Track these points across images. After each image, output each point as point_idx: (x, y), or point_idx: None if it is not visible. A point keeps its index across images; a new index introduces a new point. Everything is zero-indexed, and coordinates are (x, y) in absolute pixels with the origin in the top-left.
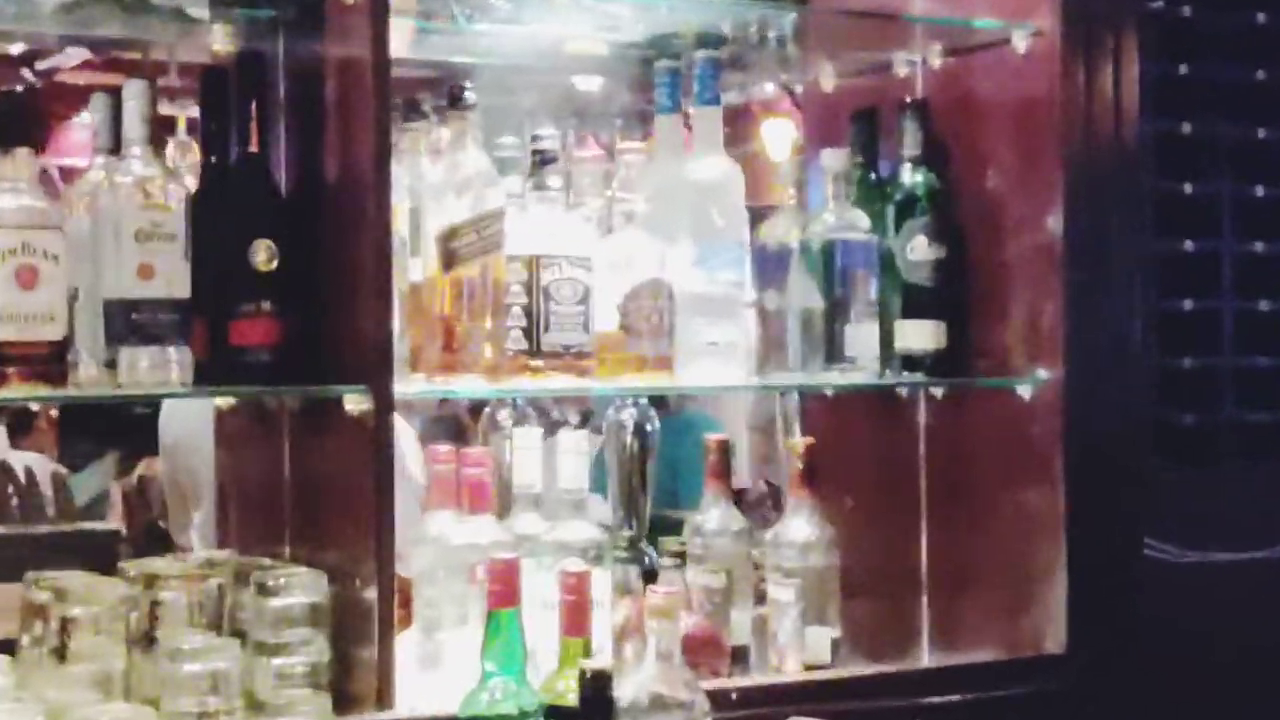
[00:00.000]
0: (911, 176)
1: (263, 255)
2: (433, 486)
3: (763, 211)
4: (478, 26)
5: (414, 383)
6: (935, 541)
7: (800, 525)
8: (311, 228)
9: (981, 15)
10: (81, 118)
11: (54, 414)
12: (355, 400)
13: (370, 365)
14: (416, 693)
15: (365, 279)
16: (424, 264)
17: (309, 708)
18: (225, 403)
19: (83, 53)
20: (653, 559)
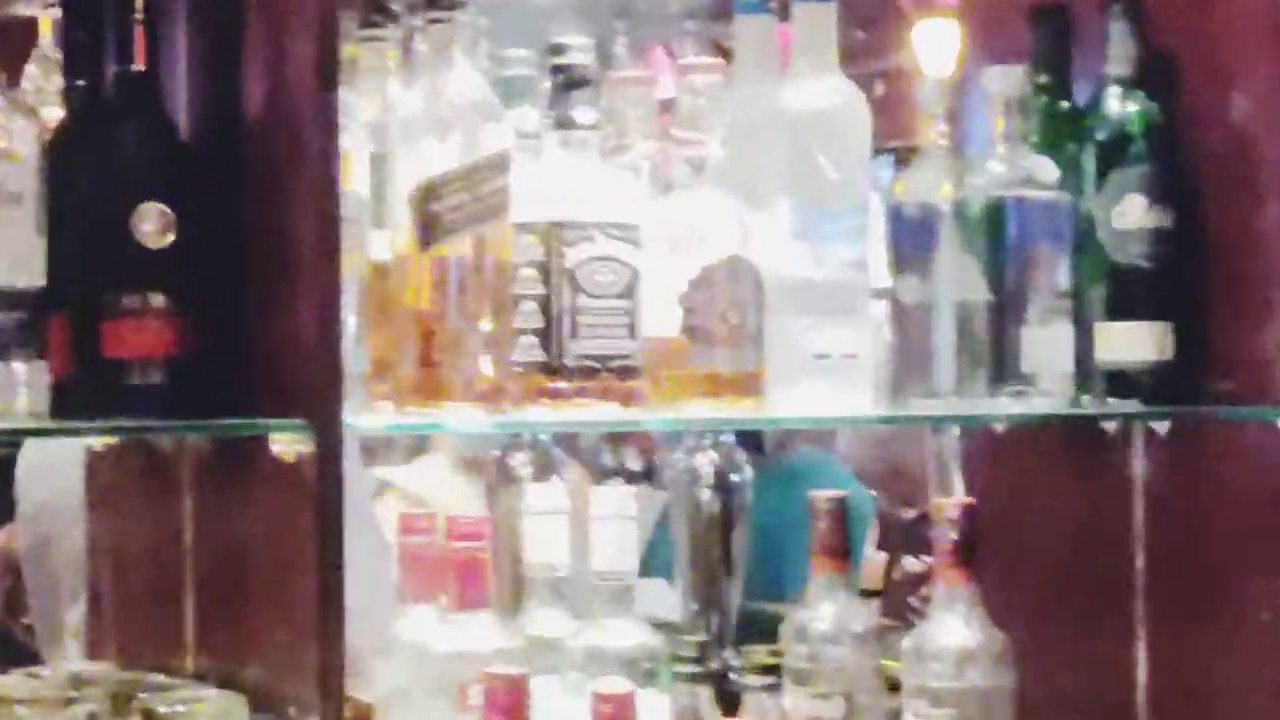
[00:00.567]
0: (1121, 106)
1: (152, 225)
2: (404, 568)
3: (899, 157)
4: None
5: (376, 413)
6: (1159, 653)
7: (955, 626)
8: (224, 184)
9: None
10: None
11: None
12: (289, 440)
13: (311, 388)
14: None
15: (303, 260)
16: (392, 237)
17: None
18: (100, 443)
19: None
20: (735, 676)
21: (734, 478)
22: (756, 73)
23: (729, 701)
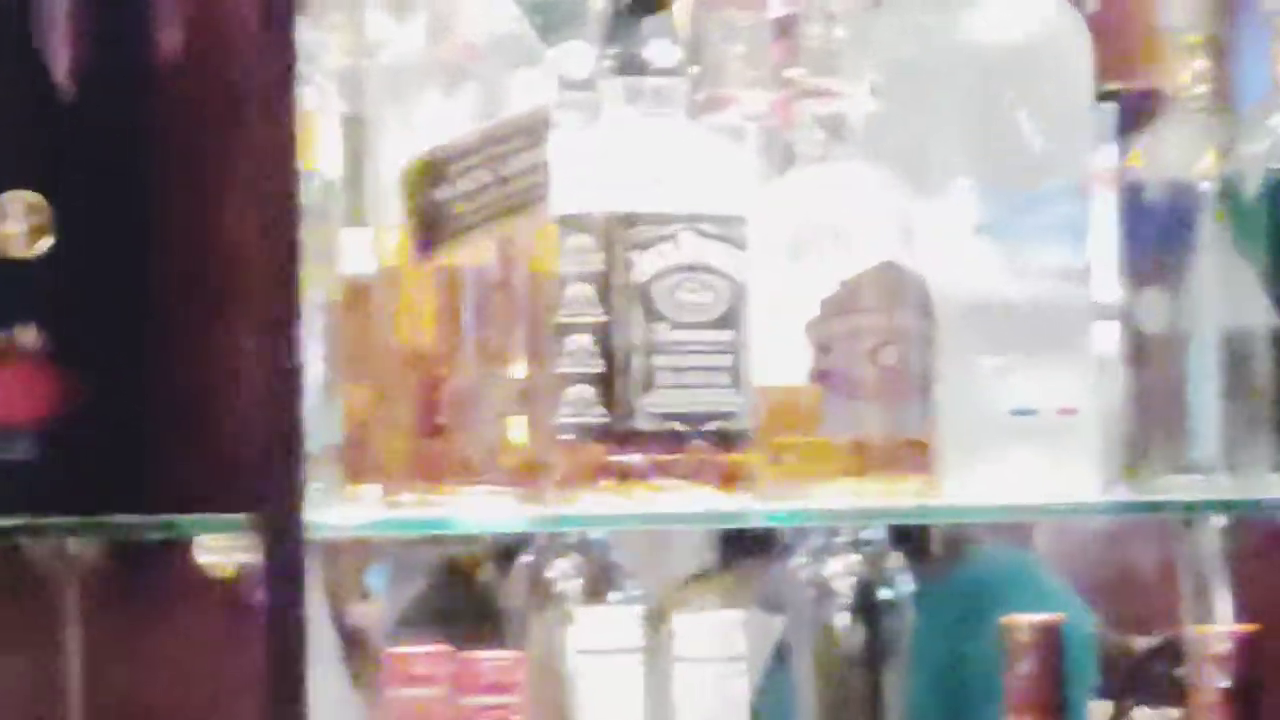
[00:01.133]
0: None
1: (16, 223)
2: None
3: (1134, 109)
4: None
5: (353, 505)
6: None
7: None
8: (125, 164)
9: None
10: None
11: None
12: (223, 545)
13: (255, 468)
14: None
15: (244, 275)
16: (376, 240)
17: None
18: None
19: None
20: None
21: (885, 594)
22: None
23: None
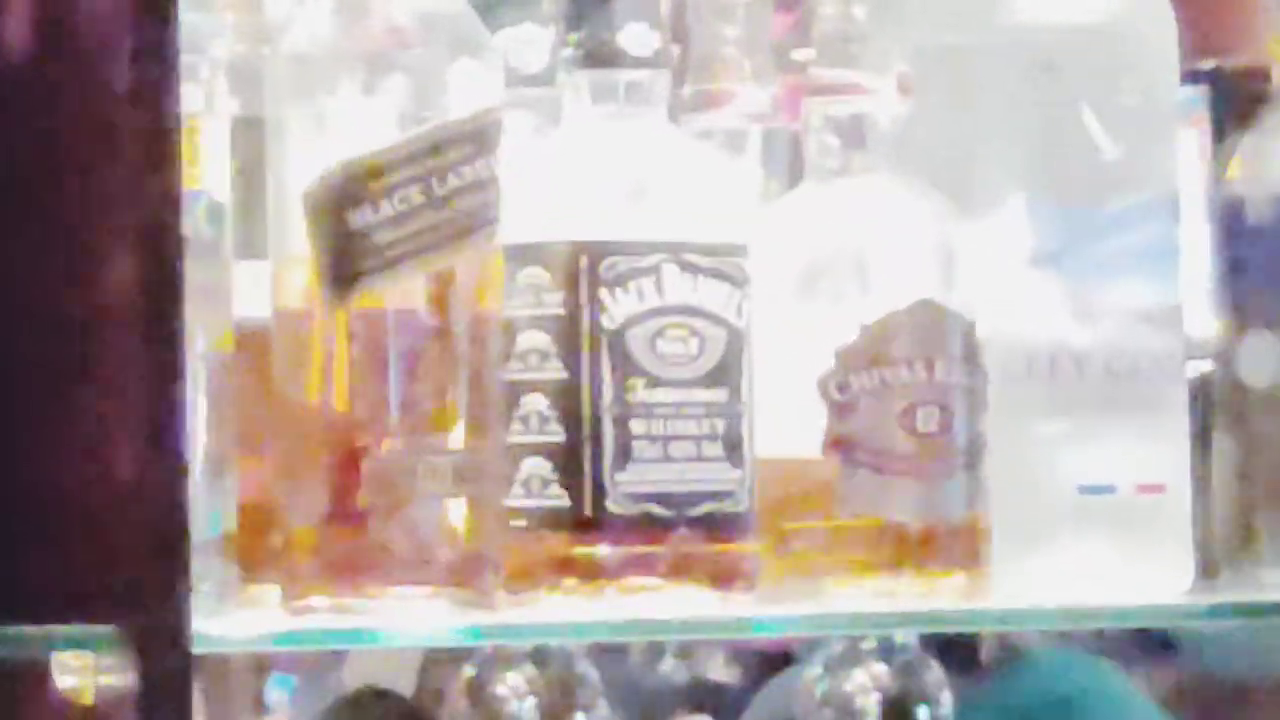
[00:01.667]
0: None
1: None
2: None
3: (1231, 96)
4: None
5: (249, 611)
6: None
7: None
8: None
9: None
10: None
11: None
12: (87, 663)
13: (126, 566)
14: None
15: (112, 321)
16: (277, 276)
17: None
18: None
19: None
20: None
21: (922, 714)
22: None
23: None
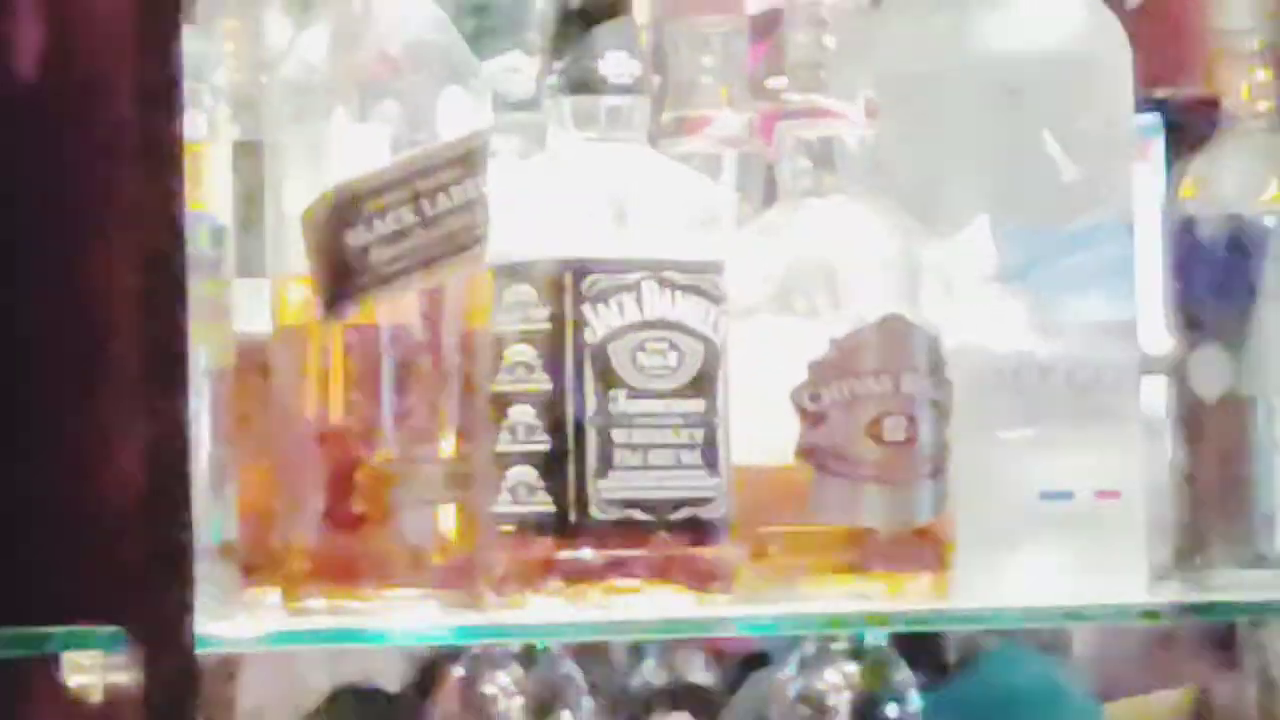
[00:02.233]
0: None
1: None
2: None
3: (1183, 123)
4: None
5: (250, 612)
6: None
7: None
8: None
9: None
10: None
11: None
12: (93, 662)
13: (132, 570)
14: None
15: (117, 335)
16: (275, 294)
17: None
18: None
19: None
20: None
21: (890, 712)
22: None
23: None
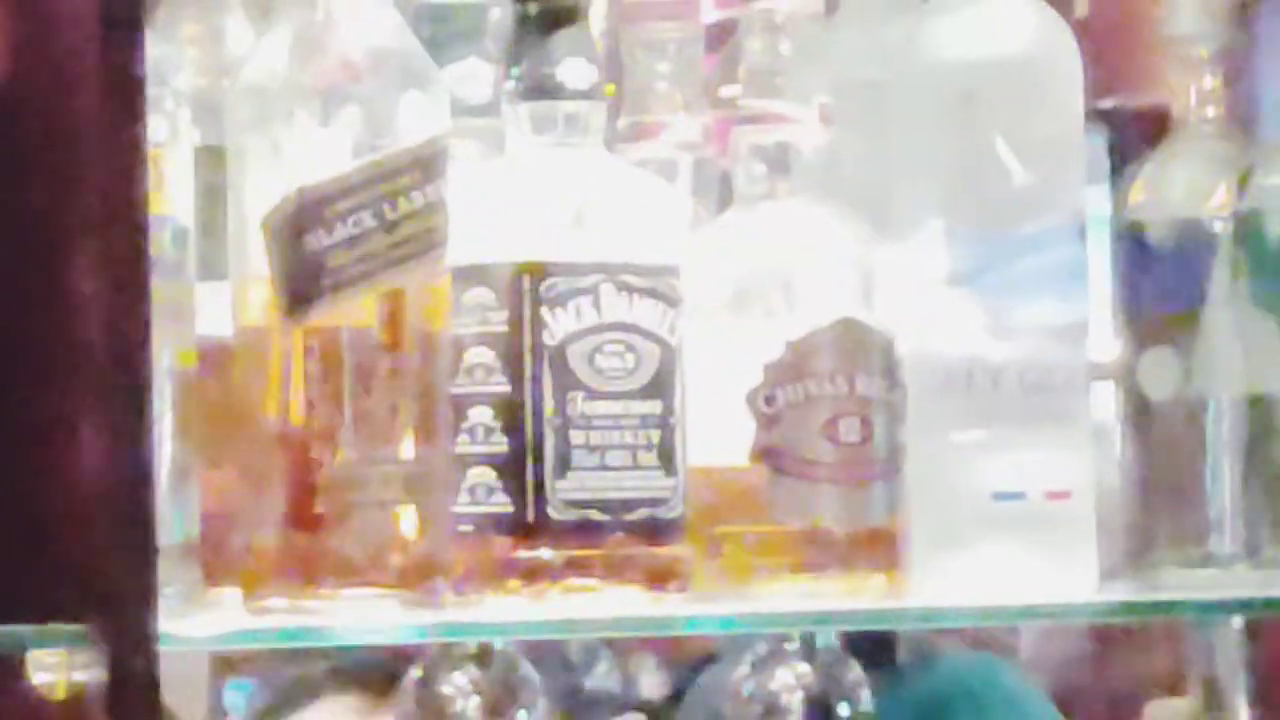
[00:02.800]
0: None
1: None
2: None
3: (1132, 131)
4: None
5: (213, 611)
6: None
7: None
8: None
9: None
10: None
11: None
12: (56, 661)
13: (96, 570)
14: None
15: (80, 338)
16: (237, 296)
17: None
18: None
19: None
20: None
21: (843, 711)
22: (879, 2)
23: None
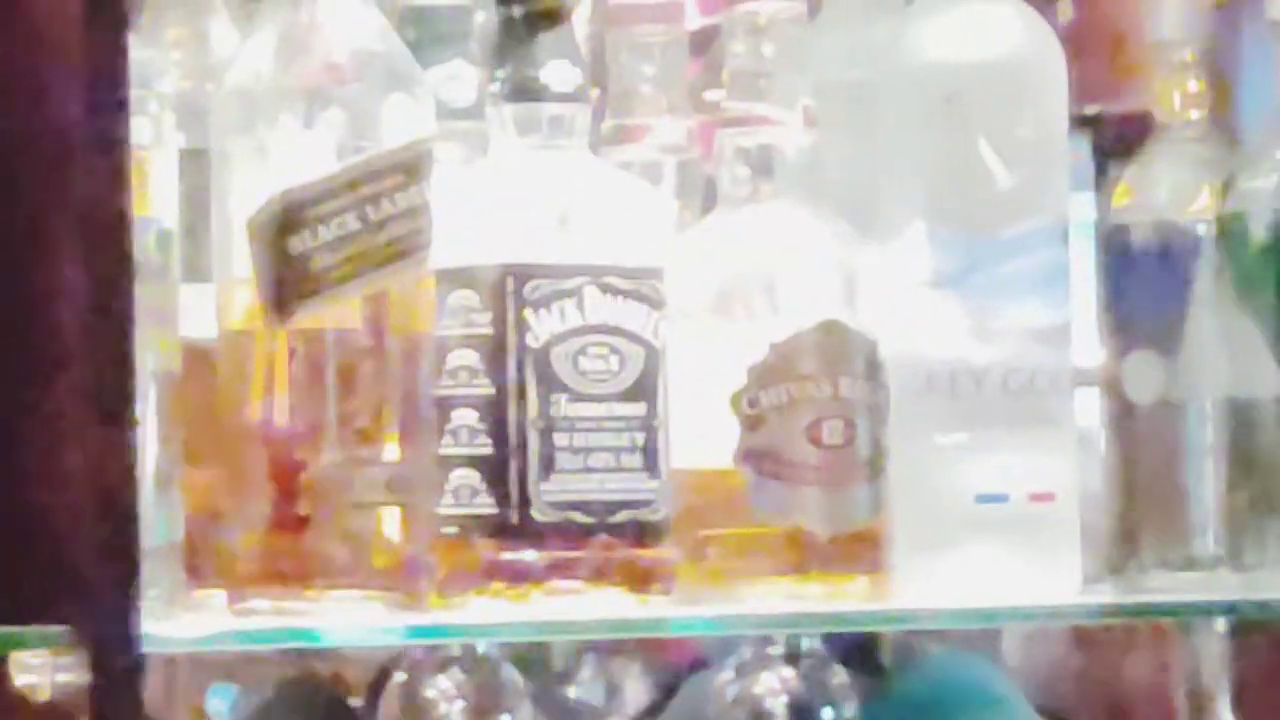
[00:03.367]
0: None
1: None
2: None
3: (1116, 136)
4: None
5: (197, 612)
6: None
7: None
8: None
9: None
10: None
11: None
12: (40, 663)
13: (79, 571)
14: None
15: (63, 339)
16: (221, 299)
17: None
18: None
19: None
20: None
21: (827, 715)
22: (863, 3)
23: None
